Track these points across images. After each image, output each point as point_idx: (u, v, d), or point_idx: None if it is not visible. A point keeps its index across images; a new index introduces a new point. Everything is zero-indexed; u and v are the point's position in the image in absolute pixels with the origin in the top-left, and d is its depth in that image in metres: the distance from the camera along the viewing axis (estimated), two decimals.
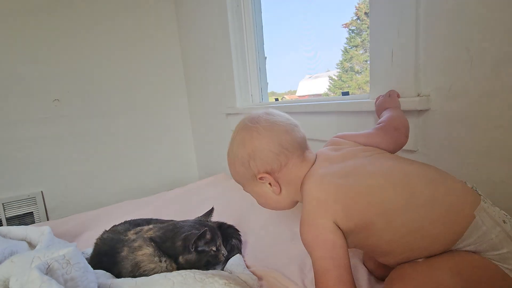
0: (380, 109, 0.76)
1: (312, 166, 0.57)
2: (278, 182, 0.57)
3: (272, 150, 0.55)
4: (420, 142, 0.76)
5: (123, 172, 2.07)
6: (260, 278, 0.65)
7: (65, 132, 1.87)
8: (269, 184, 0.58)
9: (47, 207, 1.85)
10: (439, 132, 0.71)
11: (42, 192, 1.83)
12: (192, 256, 0.63)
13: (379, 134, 0.63)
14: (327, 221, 0.48)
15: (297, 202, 0.62)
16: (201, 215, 0.82)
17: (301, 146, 0.58)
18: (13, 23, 1.67)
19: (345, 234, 0.49)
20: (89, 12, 1.87)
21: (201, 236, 0.65)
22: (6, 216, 1.72)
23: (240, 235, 0.86)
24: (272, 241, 0.83)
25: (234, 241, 0.82)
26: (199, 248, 0.65)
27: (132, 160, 2.09)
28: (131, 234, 0.67)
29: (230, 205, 1.14)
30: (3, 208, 1.71)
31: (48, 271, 0.42)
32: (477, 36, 0.62)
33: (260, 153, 0.55)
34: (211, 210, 0.83)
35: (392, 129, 0.64)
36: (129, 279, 0.52)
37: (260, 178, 0.57)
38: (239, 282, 0.56)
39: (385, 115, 0.69)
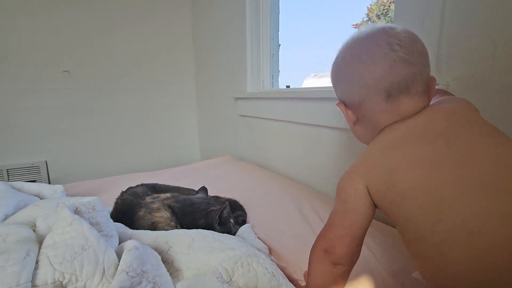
0: None
1: (402, 120, 0.45)
2: (356, 116, 0.51)
3: (357, 82, 0.47)
4: None
5: (125, 148, 2.08)
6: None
7: (72, 104, 1.87)
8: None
9: (50, 177, 1.86)
10: None
11: (46, 161, 1.84)
12: (218, 231, 0.64)
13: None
14: (361, 183, 0.43)
15: None
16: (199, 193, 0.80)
17: (391, 89, 0.45)
18: None
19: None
20: None
21: (223, 210, 0.66)
22: (10, 182, 1.73)
23: (243, 207, 0.88)
24: (277, 219, 0.84)
25: (238, 212, 0.84)
26: (222, 222, 0.67)
27: (135, 137, 2.10)
28: (149, 199, 0.68)
29: (236, 184, 1.15)
30: (7, 174, 1.72)
31: (77, 213, 0.43)
32: (503, 27, 0.63)
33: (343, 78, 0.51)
34: (205, 189, 0.82)
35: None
36: (150, 231, 0.53)
37: (338, 105, 0.53)
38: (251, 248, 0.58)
39: None
